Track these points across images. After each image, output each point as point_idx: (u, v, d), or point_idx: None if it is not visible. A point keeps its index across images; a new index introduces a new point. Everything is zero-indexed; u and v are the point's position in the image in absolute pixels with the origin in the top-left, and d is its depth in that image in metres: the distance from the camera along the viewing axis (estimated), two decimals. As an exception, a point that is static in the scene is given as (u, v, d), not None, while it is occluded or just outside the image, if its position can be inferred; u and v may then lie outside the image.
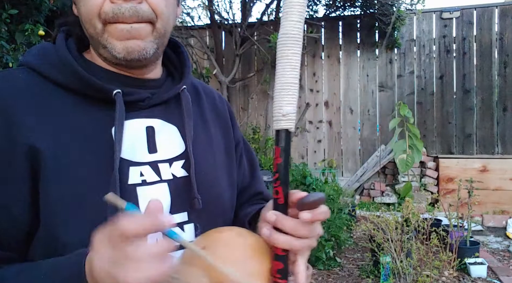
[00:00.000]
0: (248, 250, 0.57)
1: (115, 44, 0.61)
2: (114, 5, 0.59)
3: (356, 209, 4.69)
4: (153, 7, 0.61)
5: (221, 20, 5.40)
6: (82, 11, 0.62)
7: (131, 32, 0.60)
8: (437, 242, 2.93)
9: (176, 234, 0.48)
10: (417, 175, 5.29)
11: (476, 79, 5.43)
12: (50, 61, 0.63)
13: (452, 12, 5.48)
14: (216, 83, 5.16)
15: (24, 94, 0.60)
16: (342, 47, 5.85)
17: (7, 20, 2.58)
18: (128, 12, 0.59)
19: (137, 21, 0.60)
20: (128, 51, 0.61)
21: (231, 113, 0.85)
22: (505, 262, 3.50)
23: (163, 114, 0.69)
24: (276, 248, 0.56)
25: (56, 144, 0.59)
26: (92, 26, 0.61)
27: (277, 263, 0.56)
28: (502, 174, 4.91)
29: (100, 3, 0.59)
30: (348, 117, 5.80)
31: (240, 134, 0.86)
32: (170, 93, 0.70)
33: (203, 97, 0.80)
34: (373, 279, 3.05)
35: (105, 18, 0.59)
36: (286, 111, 0.55)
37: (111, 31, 0.60)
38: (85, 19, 0.61)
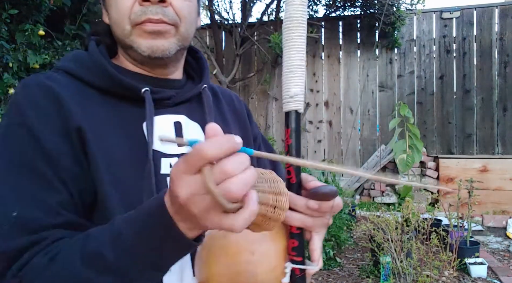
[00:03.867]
0: None
1: (141, 42, 0.68)
2: (143, 7, 0.66)
3: (356, 209, 4.69)
4: (177, 11, 0.69)
5: (221, 20, 5.40)
6: (113, 15, 0.69)
7: (156, 32, 0.67)
8: (437, 242, 2.93)
9: (250, 149, 0.46)
10: (417, 175, 5.29)
11: (476, 79, 5.43)
12: (85, 65, 0.70)
13: (452, 12, 5.48)
14: (216, 83, 5.15)
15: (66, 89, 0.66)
16: (342, 47, 5.85)
17: (7, 20, 2.58)
18: (155, 12, 0.66)
19: (163, 21, 0.67)
20: (153, 49, 0.68)
21: (248, 111, 0.92)
22: (505, 262, 3.50)
23: (187, 112, 0.75)
24: (290, 227, 0.58)
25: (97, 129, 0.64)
26: (121, 28, 0.69)
27: (292, 241, 0.58)
28: (502, 174, 4.91)
29: (130, 5, 0.67)
30: (348, 117, 5.80)
31: (257, 130, 0.93)
32: (192, 92, 0.77)
33: (221, 98, 0.87)
34: (373, 279, 3.05)
35: (134, 18, 0.67)
36: (294, 93, 0.57)
37: (138, 32, 0.68)
38: (115, 21, 0.69)
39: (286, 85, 0.58)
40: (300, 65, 0.57)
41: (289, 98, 0.57)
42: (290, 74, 0.57)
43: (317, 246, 0.60)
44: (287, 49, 0.57)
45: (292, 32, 0.56)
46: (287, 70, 0.57)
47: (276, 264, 0.56)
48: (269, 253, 0.56)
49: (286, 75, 0.58)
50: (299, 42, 0.57)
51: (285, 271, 0.57)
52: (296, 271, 0.57)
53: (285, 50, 0.57)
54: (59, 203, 0.59)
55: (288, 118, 0.58)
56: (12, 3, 2.62)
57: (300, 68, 0.58)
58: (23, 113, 0.62)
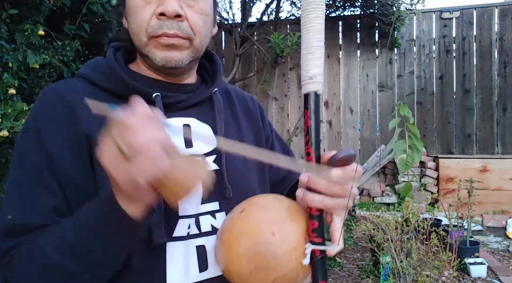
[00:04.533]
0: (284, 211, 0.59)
1: (156, 53, 0.71)
2: (159, 21, 0.69)
3: (356, 209, 4.69)
4: (192, 25, 0.72)
5: (221, 20, 5.40)
6: (132, 26, 0.73)
7: (171, 45, 0.70)
8: (437, 242, 2.93)
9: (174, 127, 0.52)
10: (417, 175, 5.29)
11: (476, 79, 5.43)
12: (102, 71, 0.74)
13: (452, 12, 5.48)
14: (216, 83, 5.16)
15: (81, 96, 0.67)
16: (342, 47, 5.85)
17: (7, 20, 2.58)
18: (171, 27, 0.69)
19: (177, 36, 0.70)
20: (167, 60, 0.71)
21: (261, 112, 0.94)
22: (505, 262, 3.50)
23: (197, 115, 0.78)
24: (310, 208, 0.58)
25: None
26: (138, 39, 0.72)
27: (312, 222, 0.58)
28: (502, 174, 4.91)
29: (148, 19, 0.70)
30: (348, 117, 5.80)
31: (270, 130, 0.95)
32: (203, 96, 0.80)
33: (235, 100, 0.89)
34: (373, 279, 3.05)
35: (151, 32, 0.70)
36: (313, 74, 0.57)
37: (154, 44, 0.71)
38: (134, 32, 0.73)
39: (305, 66, 0.57)
40: (319, 46, 0.57)
41: (308, 80, 0.57)
42: (309, 56, 0.57)
43: (338, 227, 0.61)
44: (305, 30, 0.57)
45: (310, 13, 0.56)
46: (306, 51, 0.57)
47: (296, 245, 0.57)
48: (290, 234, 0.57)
49: (305, 56, 0.57)
50: (317, 23, 0.56)
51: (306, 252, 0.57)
52: (316, 252, 0.57)
53: (304, 31, 0.57)
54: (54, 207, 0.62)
55: (307, 100, 0.58)
56: (12, 3, 2.62)
57: (319, 49, 0.57)
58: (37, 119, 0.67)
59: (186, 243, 0.68)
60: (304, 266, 0.57)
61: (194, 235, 0.69)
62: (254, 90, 5.89)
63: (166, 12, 0.68)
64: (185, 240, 0.68)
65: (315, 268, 0.58)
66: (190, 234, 0.69)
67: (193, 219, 0.70)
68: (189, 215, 0.69)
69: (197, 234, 0.70)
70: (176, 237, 0.67)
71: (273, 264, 0.55)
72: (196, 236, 0.69)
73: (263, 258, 0.55)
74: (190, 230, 0.69)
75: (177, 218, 0.68)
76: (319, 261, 0.58)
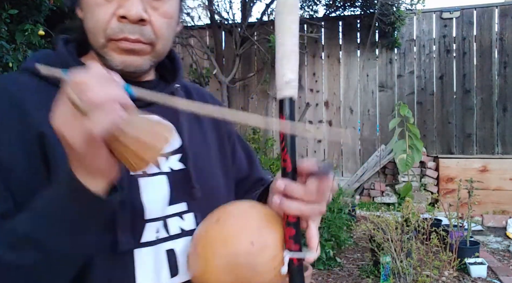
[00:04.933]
0: (261, 219, 0.58)
1: (114, 57, 0.66)
2: (120, 24, 0.64)
3: (356, 209, 4.69)
4: (156, 30, 0.66)
5: (221, 20, 5.40)
6: (89, 23, 0.66)
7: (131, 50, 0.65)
8: (437, 242, 2.93)
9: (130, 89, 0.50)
10: (417, 175, 5.29)
11: (476, 79, 5.43)
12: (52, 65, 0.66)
13: (452, 12, 5.48)
14: (216, 83, 5.16)
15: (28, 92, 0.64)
16: (342, 47, 5.85)
17: (7, 20, 2.58)
18: (133, 32, 0.64)
19: (139, 41, 0.65)
20: (126, 65, 0.66)
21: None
22: (505, 262, 3.50)
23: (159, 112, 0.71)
24: (287, 215, 0.57)
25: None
26: (96, 39, 0.66)
27: (290, 229, 0.57)
28: (502, 174, 4.91)
29: (107, 20, 0.64)
30: (348, 117, 5.80)
31: (232, 128, 0.90)
32: (164, 93, 0.74)
33: (195, 97, 0.85)
34: (373, 279, 3.05)
35: (110, 34, 0.64)
36: (289, 79, 0.55)
37: (113, 47, 0.65)
38: (90, 30, 0.66)
39: (280, 71, 0.55)
40: (294, 50, 0.55)
41: (284, 85, 0.55)
42: (285, 60, 0.55)
43: (314, 233, 0.60)
44: (280, 34, 0.55)
45: (285, 17, 0.55)
46: (281, 55, 0.55)
47: (275, 253, 0.56)
48: (268, 243, 0.56)
49: (281, 61, 0.55)
50: (293, 27, 0.55)
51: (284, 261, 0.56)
52: (294, 260, 0.57)
53: (279, 35, 0.55)
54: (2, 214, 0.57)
55: (282, 105, 0.56)
56: (12, 3, 2.62)
57: (294, 53, 0.55)
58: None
59: (156, 248, 0.65)
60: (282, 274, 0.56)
61: (163, 239, 0.66)
62: (254, 90, 5.89)
63: (129, 16, 0.63)
64: (154, 245, 0.65)
65: (292, 275, 0.57)
66: (159, 238, 0.65)
67: (161, 222, 0.66)
68: (156, 218, 0.66)
69: (166, 238, 0.66)
70: (145, 242, 0.64)
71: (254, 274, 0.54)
72: (165, 240, 0.66)
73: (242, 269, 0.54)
74: (159, 234, 0.66)
75: (144, 222, 0.64)
76: (297, 269, 0.57)
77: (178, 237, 0.68)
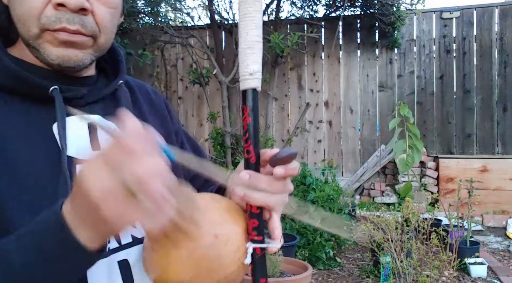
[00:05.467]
0: (224, 212, 0.58)
1: (50, 50, 0.58)
2: (57, 12, 0.56)
3: (356, 209, 4.69)
4: (98, 21, 0.60)
5: (221, 20, 5.40)
6: (18, 10, 0.58)
7: (70, 42, 0.58)
8: (437, 242, 2.93)
9: (172, 155, 0.48)
10: (417, 175, 5.29)
11: (476, 79, 5.43)
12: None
13: (452, 12, 5.48)
14: (216, 83, 5.16)
15: None
16: (342, 47, 5.85)
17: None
18: (73, 21, 0.57)
19: (80, 33, 0.58)
20: (64, 59, 0.59)
21: (167, 105, 0.85)
22: (505, 262, 3.50)
23: (102, 111, 0.67)
24: (250, 206, 0.57)
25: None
26: (26, 28, 0.58)
27: (253, 221, 0.57)
28: (502, 174, 4.91)
29: (41, 7, 0.56)
30: (348, 117, 5.80)
31: (178, 125, 0.86)
32: (107, 90, 0.69)
33: (137, 93, 0.79)
34: (373, 279, 3.05)
35: (46, 24, 0.56)
36: (253, 70, 0.55)
37: (48, 38, 0.58)
38: (19, 18, 0.58)
39: (244, 61, 0.55)
40: (258, 41, 0.55)
41: (248, 76, 0.55)
42: (248, 51, 0.55)
43: (277, 224, 0.58)
44: (244, 24, 0.55)
45: (249, 6, 0.54)
46: (245, 46, 0.55)
47: (239, 245, 0.56)
48: (232, 234, 0.55)
49: (244, 51, 0.55)
50: (256, 18, 0.55)
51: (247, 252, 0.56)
52: (257, 250, 0.57)
53: (242, 25, 0.55)
54: None
55: (245, 96, 0.56)
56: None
57: (258, 44, 0.55)
58: None
59: (108, 260, 0.60)
60: (245, 265, 0.56)
61: (115, 249, 0.62)
62: (254, 90, 5.88)
63: (68, 4, 0.55)
64: (106, 257, 0.60)
65: (255, 266, 0.57)
66: (110, 249, 0.61)
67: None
68: None
69: (118, 248, 0.62)
70: None
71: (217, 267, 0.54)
72: (116, 250, 0.62)
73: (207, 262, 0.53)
74: (110, 245, 0.61)
75: None
76: (260, 260, 0.57)
77: (130, 245, 0.64)
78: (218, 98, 5.16)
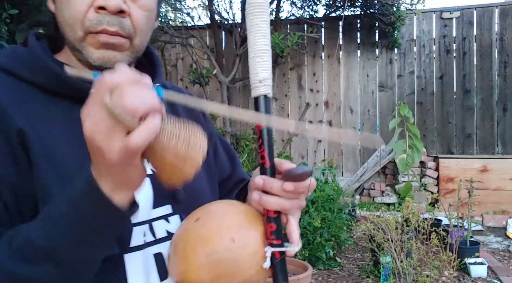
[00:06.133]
0: (241, 216, 0.58)
1: (92, 52, 0.63)
2: (99, 15, 0.61)
3: (356, 209, 4.69)
4: (135, 23, 0.64)
5: (221, 20, 5.40)
6: (65, 15, 0.63)
7: (111, 43, 0.62)
8: (437, 242, 2.93)
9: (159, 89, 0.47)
10: (417, 175, 5.29)
11: (476, 79, 5.43)
12: (24, 63, 0.64)
13: (452, 12, 5.48)
14: (216, 83, 5.16)
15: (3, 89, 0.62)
16: (342, 47, 5.85)
17: (7, 20, 2.58)
18: (112, 23, 0.61)
19: (118, 34, 0.62)
20: (104, 60, 0.63)
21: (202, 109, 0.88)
22: (505, 262, 3.50)
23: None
24: (267, 211, 0.58)
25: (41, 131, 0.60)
26: (73, 31, 0.62)
27: (270, 225, 0.58)
28: (502, 174, 4.91)
29: (84, 11, 0.61)
30: (348, 117, 5.80)
31: (212, 128, 0.89)
32: None
33: None
34: (373, 279, 3.05)
35: (89, 26, 0.61)
36: (263, 77, 0.57)
37: (91, 41, 0.62)
38: (66, 23, 0.63)
39: (254, 70, 0.58)
40: (267, 50, 0.58)
41: (258, 83, 0.57)
42: (257, 59, 0.57)
43: (294, 228, 0.60)
44: (252, 34, 0.57)
45: (256, 17, 0.57)
46: (254, 55, 0.57)
47: (257, 249, 0.56)
48: (249, 238, 0.56)
49: (253, 60, 0.58)
50: (263, 27, 0.57)
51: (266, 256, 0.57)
52: (276, 254, 0.57)
53: (250, 35, 0.57)
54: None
55: (257, 103, 0.58)
56: (12, 3, 2.62)
57: (267, 52, 0.57)
58: None
59: (144, 252, 0.64)
60: (265, 269, 0.57)
61: (150, 243, 0.65)
62: (254, 90, 5.88)
63: (108, 7, 0.60)
64: (142, 249, 0.64)
65: (275, 270, 0.58)
66: (146, 242, 0.65)
67: (146, 226, 0.66)
68: (141, 222, 0.65)
69: (153, 241, 0.66)
70: (134, 247, 0.63)
71: (235, 271, 0.55)
72: (152, 244, 0.65)
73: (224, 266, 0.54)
74: (146, 238, 0.65)
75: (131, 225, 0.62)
76: (279, 263, 0.58)
77: (165, 240, 0.67)
78: (218, 98, 5.17)
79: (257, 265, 0.56)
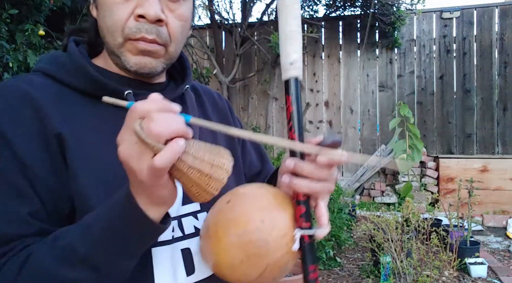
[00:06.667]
0: (271, 198, 0.60)
1: (130, 58, 0.67)
2: (138, 23, 0.64)
3: (356, 209, 4.69)
4: (171, 32, 0.67)
5: (221, 20, 5.40)
6: (107, 22, 0.67)
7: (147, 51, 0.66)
8: (437, 242, 2.93)
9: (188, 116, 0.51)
10: (417, 175, 5.29)
11: (476, 79, 5.43)
12: (65, 67, 0.68)
13: (452, 12, 5.48)
14: (216, 83, 5.16)
15: (44, 93, 0.65)
16: (342, 47, 5.85)
17: (7, 20, 2.58)
18: (150, 31, 0.65)
19: (155, 42, 0.66)
20: (141, 66, 0.67)
21: (230, 108, 0.92)
22: (505, 262, 3.50)
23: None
24: (297, 194, 0.58)
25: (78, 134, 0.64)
26: (113, 38, 0.66)
27: (300, 208, 0.58)
28: (502, 174, 4.91)
29: (125, 19, 0.65)
30: (348, 117, 5.80)
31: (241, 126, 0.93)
32: (175, 93, 0.77)
33: (203, 97, 0.87)
34: (373, 279, 3.05)
35: (128, 33, 0.65)
36: (294, 59, 0.57)
37: (129, 47, 0.66)
38: (107, 29, 0.67)
39: (284, 52, 0.57)
40: (298, 31, 0.57)
41: (288, 65, 0.57)
42: (289, 41, 0.57)
43: (324, 211, 0.60)
44: (283, 16, 0.57)
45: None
46: (284, 37, 0.57)
47: (286, 231, 0.57)
48: (279, 220, 0.57)
49: (285, 42, 0.57)
50: (295, 9, 0.57)
51: (295, 238, 0.57)
52: (305, 237, 0.58)
53: (281, 17, 0.57)
54: (30, 213, 0.58)
55: (288, 86, 0.58)
56: (12, 3, 2.62)
57: (298, 34, 0.57)
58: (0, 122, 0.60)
59: (172, 247, 0.67)
60: (294, 252, 0.58)
61: (178, 238, 0.68)
62: (254, 90, 5.89)
63: (147, 16, 0.63)
64: (170, 244, 0.67)
65: (304, 252, 0.58)
66: (174, 237, 0.67)
67: (175, 221, 0.68)
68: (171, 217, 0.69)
69: (181, 237, 0.68)
70: (162, 241, 0.65)
71: (265, 251, 0.56)
72: (180, 239, 0.68)
73: (254, 246, 0.55)
74: (174, 233, 0.67)
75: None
76: (308, 246, 0.58)
77: (193, 236, 0.69)
78: (218, 98, 5.16)
79: (286, 246, 0.57)
